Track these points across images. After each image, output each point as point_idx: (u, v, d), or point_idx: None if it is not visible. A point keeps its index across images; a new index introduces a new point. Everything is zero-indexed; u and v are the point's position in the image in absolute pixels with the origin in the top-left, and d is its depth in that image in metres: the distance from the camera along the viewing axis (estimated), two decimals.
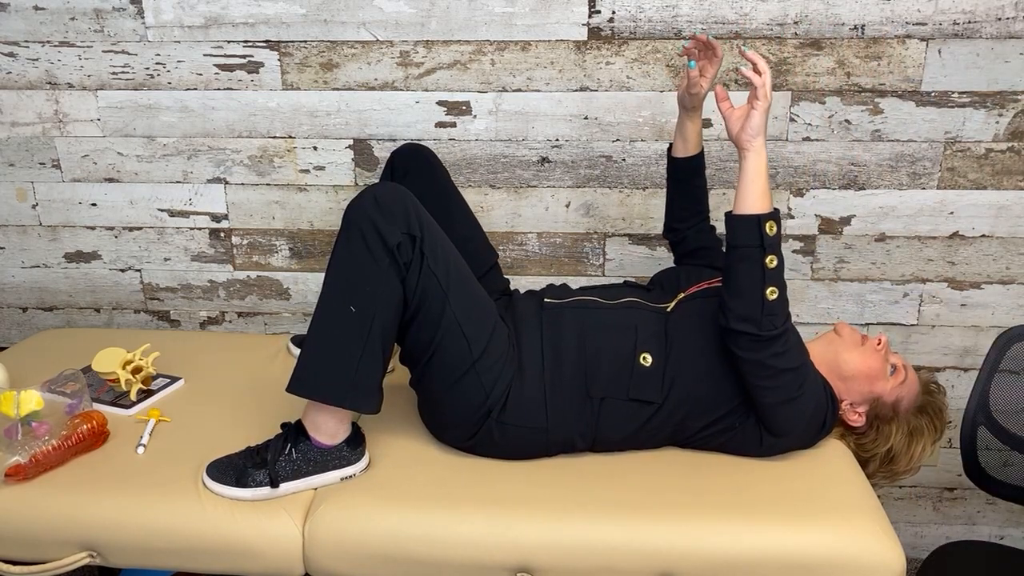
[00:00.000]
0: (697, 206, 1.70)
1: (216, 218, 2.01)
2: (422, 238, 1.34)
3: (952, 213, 1.89)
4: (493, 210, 1.95)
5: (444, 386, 1.42)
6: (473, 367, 1.40)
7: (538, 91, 1.86)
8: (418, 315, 1.37)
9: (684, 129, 1.62)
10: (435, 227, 1.39)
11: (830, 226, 1.92)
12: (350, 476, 1.42)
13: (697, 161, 1.65)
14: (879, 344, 1.48)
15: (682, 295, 1.55)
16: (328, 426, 1.39)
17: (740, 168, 1.33)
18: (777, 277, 1.32)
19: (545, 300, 1.55)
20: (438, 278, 1.36)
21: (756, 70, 1.30)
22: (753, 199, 1.32)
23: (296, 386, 1.36)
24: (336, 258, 1.35)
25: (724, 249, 1.37)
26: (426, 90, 1.87)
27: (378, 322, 1.33)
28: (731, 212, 1.34)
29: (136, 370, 1.66)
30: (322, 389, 1.35)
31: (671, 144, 1.67)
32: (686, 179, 1.67)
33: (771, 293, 1.30)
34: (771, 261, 1.30)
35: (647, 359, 1.44)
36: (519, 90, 1.86)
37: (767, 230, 1.30)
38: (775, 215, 1.31)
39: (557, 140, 1.89)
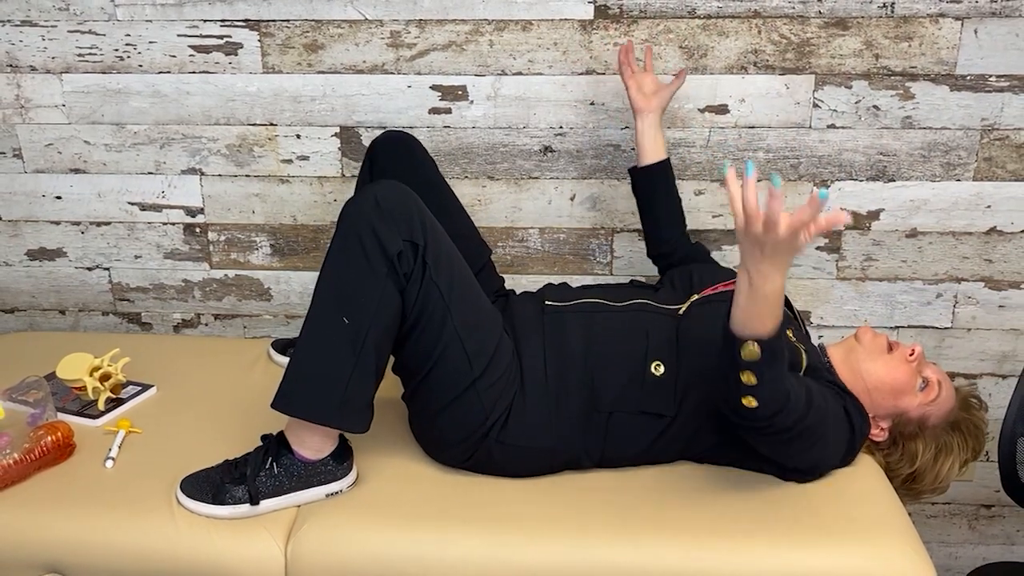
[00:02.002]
0: (677, 217, 1.76)
1: (191, 212, 2.01)
2: (425, 246, 1.34)
3: (989, 207, 1.89)
4: (491, 204, 1.95)
5: (440, 404, 1.42)
6: (474, 385, 1.40)
7: (540, 74, 1.86)
8: (416, 327, 1.37)
9: (643, 135, 1.71)
10: (440, 232, 1.38)
11: (857, 221, 1.92)
12: (336, 492, 1.42)
13: (665, 168, 1.73)
14: (912, 355, 1.47)
15: (696, 297, 1.55)
16: (313, 440, 1.39)
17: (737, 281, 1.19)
18: (754, 391, 1.19)
19: (546, 303, 1.55)
20: (441, 290, 1.36)
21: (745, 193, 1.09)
22: (741, 321, 1.17)
23: (281, 403, 1.36)
24: (330, 264, 1.34)
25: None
26: (419, 73, 1.87)
27: (372, 335, 1.33)
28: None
29: (104, 377, 1.66)
30: (308, 407, 1.35)
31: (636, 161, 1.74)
32: (663, 190, 1.74)
33: (748, 401, 1.21)
34: (748, 377, 1.18)
35: (659, 368, 1.44)
36: (520, 73, 1.86)
37: (743, 353, 1.17)
38: (766, 341, 1.16)
39: (561, 128, 1.89)
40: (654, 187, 1.73)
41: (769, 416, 1.23)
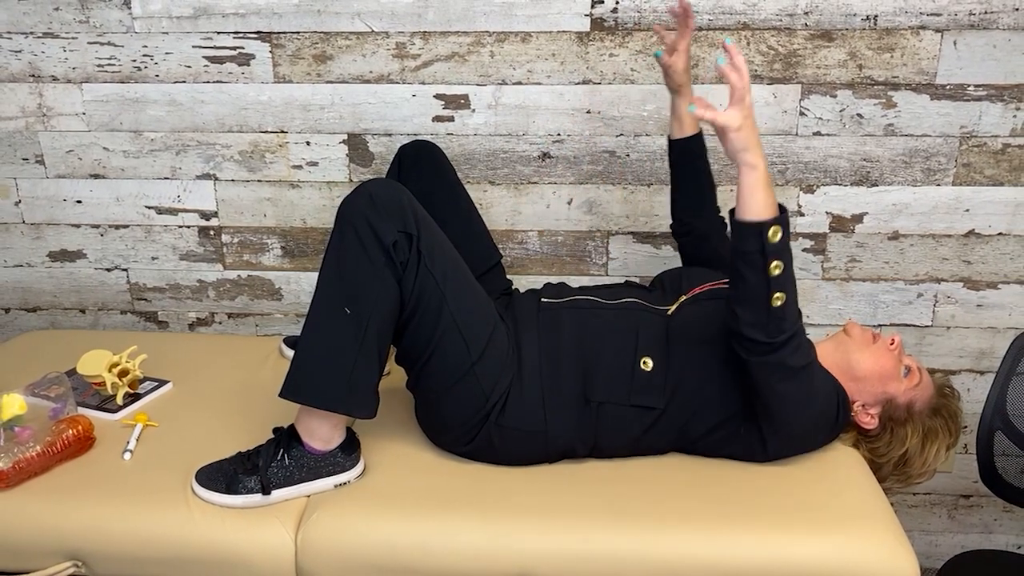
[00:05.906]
0: (702, 191, 1.71)
1: (205, 215, 2.01)
2: (419, 236, 1.35)
3: (968, 210, 1.89)
4: (492, 207, 1.95)
5: (442, 388, 1.42)
6: (472, 369, 1.40)
7: (539, 84, 1.86)
8: (415, 316, 1.38)
9: (677, 110, 1.66)
10: (432, 225, 1.39)
11: (841, 224, 1.92)
12: (344, 483, 1.42)
13: (696, 142, 1.67)
14: (892, 344, 1.49)
15: (684, 297, 1.56)
16: (322, 431, 1.40)
17: (738, 180, 1.28)
18: (783, 283, 1.27)
19: (542, 300, 1.55)
20: (435, 277, 1.37)
21: (735, 65, 1.22)
22: (755, 208, 1.26)
23: (289, 391, 1.36)
24: (330, 257, 1.35)
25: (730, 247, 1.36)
26: (423, 83, 1.87)
27: (374, 323, 1.34)
28: (734, 215, 1.29)
29: (123, 373, 1.66)
30: (316, 394, 1.35)
31: (670, 133, 1.69)
32: (687, 162, 1.68)
33: (777, 299, 1.27)
34: (776, 267, 1.26)
35: (648, 363, 1.44)
36: (519, 83, 1.86)
37: (769, 236, 1.25)
38: (781, 219, 1.25)
39: (559, 135, 1.89)
40: (695, 155, 1.70)
41: (791, 318, 1.30)
